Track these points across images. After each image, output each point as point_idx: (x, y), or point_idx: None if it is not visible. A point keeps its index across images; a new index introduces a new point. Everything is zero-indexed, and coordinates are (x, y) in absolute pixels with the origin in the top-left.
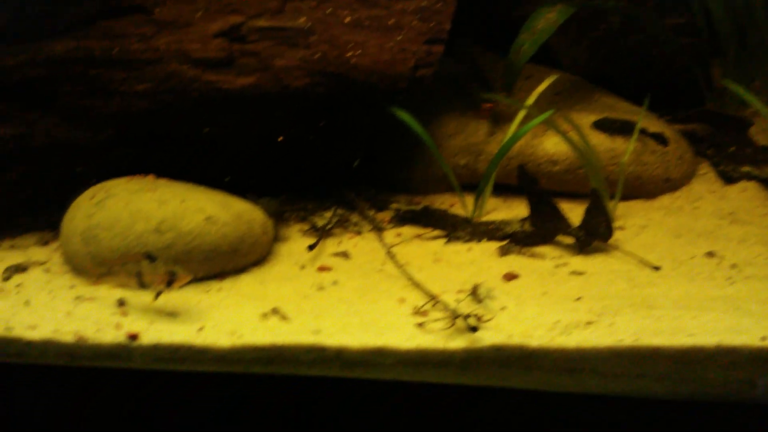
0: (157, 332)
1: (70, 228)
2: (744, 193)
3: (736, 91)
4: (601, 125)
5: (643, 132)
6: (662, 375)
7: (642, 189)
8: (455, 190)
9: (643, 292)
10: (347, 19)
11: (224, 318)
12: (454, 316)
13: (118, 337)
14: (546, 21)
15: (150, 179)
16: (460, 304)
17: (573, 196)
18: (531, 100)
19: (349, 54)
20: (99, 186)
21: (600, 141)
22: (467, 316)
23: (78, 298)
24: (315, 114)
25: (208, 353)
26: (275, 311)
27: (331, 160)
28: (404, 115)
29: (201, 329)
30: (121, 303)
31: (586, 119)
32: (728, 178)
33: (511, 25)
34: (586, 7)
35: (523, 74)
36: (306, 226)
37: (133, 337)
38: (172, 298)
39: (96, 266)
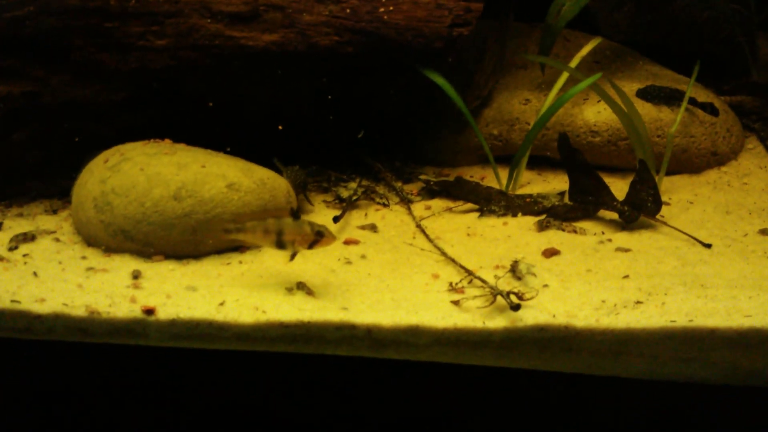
0: (175, 307)
1: (81, 194)
2: None
3: None
4: (646, 93)
5: (692, 101)
6: (715, 361)
7: (688, 163)
8: (488, 161)
9: (694, 271)
10: None
11: (246, 292)
12: (494, 293)
13: (133, 311)
14: None
15: (166, 143)
16: (499, 281)
17: (613, 170)
18: (574, 62)
19: (382, 10)
20: (113, 149)
21: (645, 111)
22: (508, 294)
23: (90, 269)
24: (344, 75)
25: (230, 330)
26: (301, 286)
27: (356, 126)
28: (438, 79)
29: (222, 304)
30: (136, 275)
31: (629, 87)
32: None
33: None
34: None
35: (560, 39)
36: (329, 197)
37: (150, 311)
38: (190, 270)
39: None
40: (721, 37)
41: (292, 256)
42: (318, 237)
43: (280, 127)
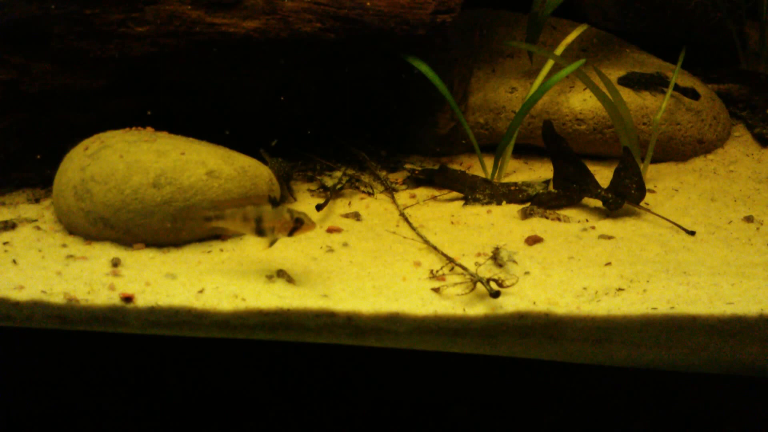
0: (154, 294)
1: (62, 182)
2: None
3: None
4: (627, 80)
5: (673, 87)
6: (697, 347)
7: (674, 150)
8: (473, 150)
9: (677, 258)
10: None
11: (226, 280)
12: (474, 280)
13: (111, 298)
14: None
15: (148, 131)
16: (480, 268)
17: (599, 158)
18: (559, 50)
19: None
20: (94, 137)
21: (631, 98)
22: (488, 281)
23: (70, 257)
24: (326, 62)
25: (209, 317)
26: (281, 274)
27: (340, 115)
28: (422, 66)
29: (201, 292)
30: (116, 263)
31: (615, 75)
32: (765, 141)
33: None
34: None
35: (547, 27)
36: (314, 186)
37: (128, 299)
38: (170, 258)
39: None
40: (710, 25)
41: (271, 243)
42: (297, 224)
43: (263, 114)
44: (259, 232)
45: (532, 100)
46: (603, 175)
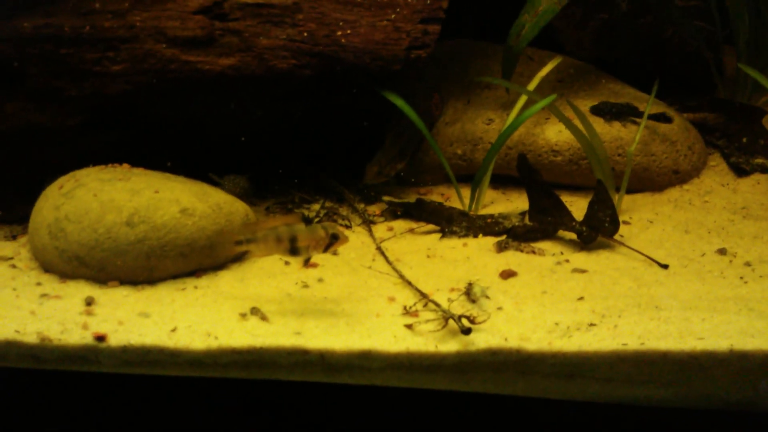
0: (126, 333)
1: (37, 220)
2: (757, 186)
3: (753, 76)
4: (599, 109)
5: (639, 115)
6: (669, 382)
7: (649, 181)
8: (451, 181)
9: (649, 292)
10: None
11: (199, 318)
12: (446, 316)
13: (84, 338)
14: (549, 2)
15: (124, 168)
16: (453, 304)
17: (575, 188)
18: (533, 84)
19: (339, 33)
20: (69, 175)
21: (606, 130)
22: (460, 317)
23: (44, 295)
24: (302, 97)
25: (181, 356)
26: (255, 311)
27: (318, 147)
28: (397, 100)
29: (174, 330)
30: (89, 302)
31: (590, 105)
32: (740, 171)
33: (515, 7)
34: None
35: (524, 58)
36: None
37: (101, 338)
38: (144, 296)
39: None
40: (686, 53)
41: (306, 262)
42: (333, 240)
43: (240, 147)
44: (293, 251)
45: (506, 134)
46: (579, 206)
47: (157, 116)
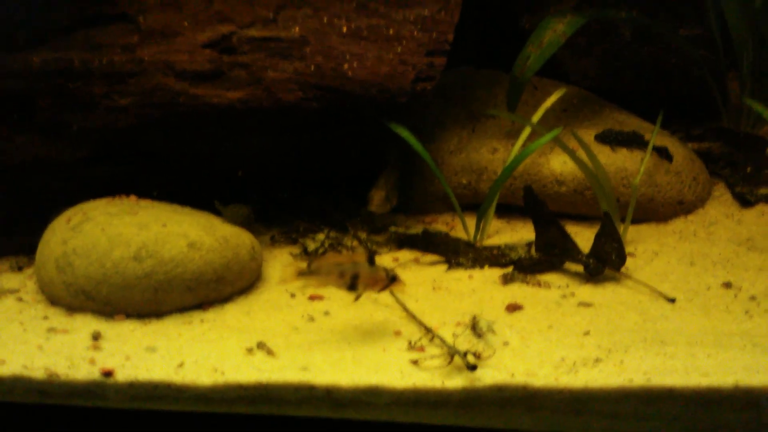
0: (133, 368)
1: (44, 253)
2: (762, 217)
3: (757, 109)
4: (604, 137)
5: (645, 144)
6: (675, 417)
7: (654, 212)
8: (456, 210)
9: (655, 327)
10: (344, 29)
11: (206, 353)
12: (452, 352)
13: (91, 373)
14: (554, 33)
15: (132, 200)
16: (458, 339)
17: (580, 218)
18: (537, 116)
19: (346, 66)
20: (76, 208)
21: (611, 161)
22: (465, 354)
23: (51, 330)
24: (308, 128)
25: (188, 392)
26: (261, 345)
27: (323, 176)
28: (403, 132)
29: (181, 365)
30: (96, 336)
31: (595, 134)
32: (745, 201)
33: (519, 35)
34: (597, 18)
35: (529, 87)
36: (297, 249)
37: (108, 373)
38: (151, 330)
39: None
40: (691, 81)
41: (357, 297)
42: (391, 281)
43: (247, 177)
44: (352, 287)
45: (511, 167)
46: (584, 236)
47: (164, 147)
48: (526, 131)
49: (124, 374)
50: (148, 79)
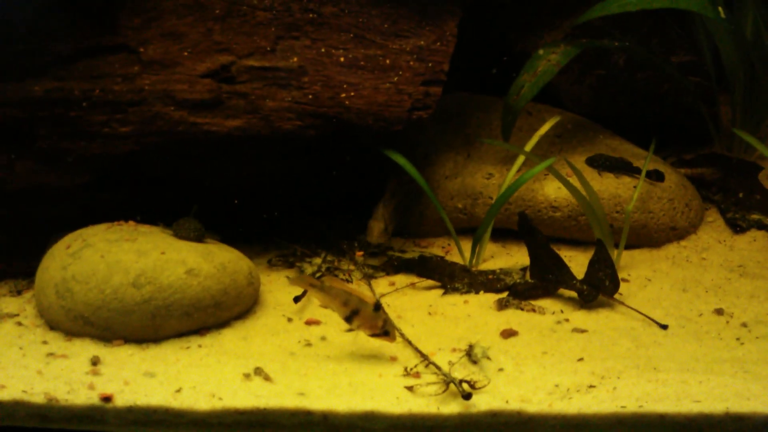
0: (132, 394)
1: (44, 279)
2: (753, 243)
3: (747, 140)
4: (593, 161)
5: (635, 170)
6: None
7: (647, 238)
8: (452, 235)
9: (647, 353)
10: (341, 59)
11: (204, 378)
12: (447, 380)
13: (91, 398)
14: (548, 63)
15: (130, 226)
16: (454, 366)
17: (574, 243)
18: (531, 144)
19: (343, 95)
20: (76, 234)
21: (604, 187)
22: (461, 382)
23: (50, 354)
24: (305, 155)
25: (186, 417)
26: (258, 371)
27: (320, 200)
28: (399, 159)
29: (179, 391)
30: (95, 361)
31: (586, 158)
32: (737, 227)
33: (514, 60)
34: (591, 47)
35: (523, 112)
36: (294, 273)
37: (107, 398)
38: (149, 355)
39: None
40: (683, 107)
41: (349, 330)
42: (383, 335)
43: (244, 201)
44: (348, 320)
45: (506, 195)
46: (579, 261)
47: (164, 174)
48: (521, 158)
49: (123, 399)
50: (147, 108)
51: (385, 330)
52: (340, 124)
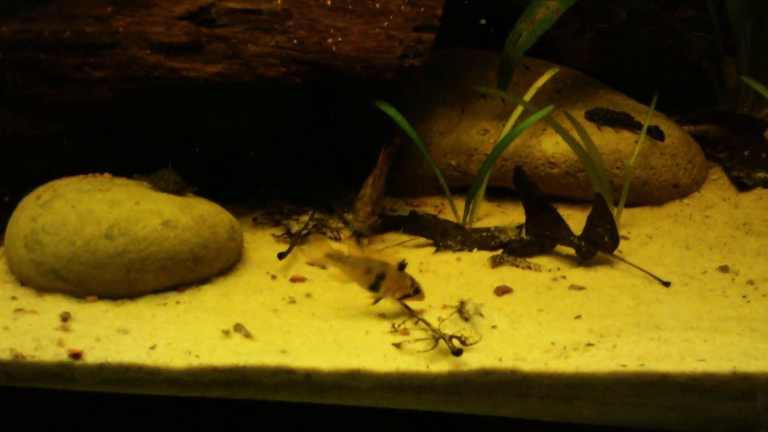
0: (103, 350)
1: (13, 232)
2: (759, 201)
3: (755, 87)
4: (593, 114)
5: (636, 125)
6: (669, 406)
7: (648, 195)
8: (444, 192)
9: (649, 311)
10: (328, 2)
11: (181, 335)
12: (436, 336)
13: (59, 354)
14: (546, 10)
15: (105, 178)
16: (445, 322)
17: (572, 201)
18: (529, 95)
19: (330, 41)
20: (47, 185)
21: (604, 142)
22: (450, 338)
23: (19, 310)
24: (291, 107)
25: (160, 375)
26: (238, 328)
27: (308, 157)
28: (390, 110)
29: (153, 348)
30: (65, 317)
31: (585, 111)
32: (742, 185)
33: (513, 13)
34: None
35: (520, 67)
36: (279, 231)
37: (76, 355)
38: (124, 311)
39: None
40: (686, 65)
41: (377, 301)
42: (413, 294)
43: (228, 157)
44: (374, 287)
45: (502, 146)
46: (576, 219)
47: (141, 125)
48: (518, 111)
49: (93, 356)
50: (122, 51)
51: (415, 288)
52: (327, 72)
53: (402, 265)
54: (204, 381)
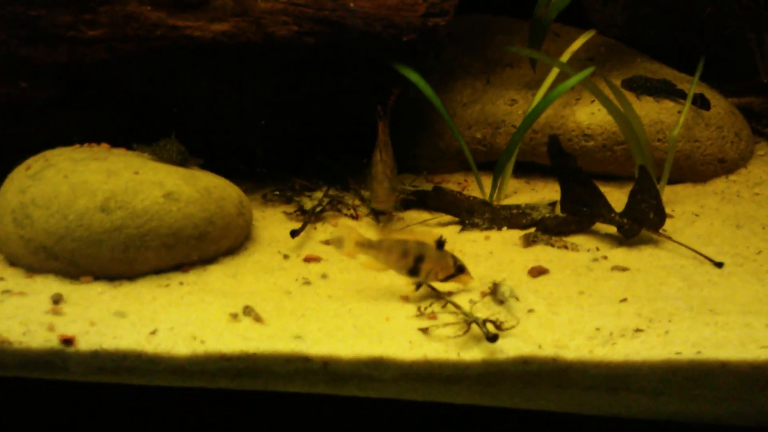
0: (98, 336)
1: (1, 206)
2: None
3: None
4: (631, 82)
5: (679, 93)
6: (725, 397)
7: (692, 170)
8: (470, 168)
9: (702, 294)
10: None
11: (184, 319)
12: (468, 320)
13: (49, 340)
14: None
15: (102, 148)
16: (476, 306)
17: (608, 177)
18: (565, 57)
19: None
20: (39, 155)
21: (645, 112)
22: (484, 321)
23: (6, 292)
24: (306, 73)
25: (161, 363)
26: (248, 311)
27: (322, 129)
28: (412, 75)
29: (153, 333)
30: (57, 299)
31: (621, 79)
32: None
33: None
34: None
35: (550, 35)
36: (291, 208)
37: (68, 341)
38: (122, 293)
39: None
40: (727, 34)
41: (418, 286)
42: (457, 272)
43: (235, 129)
44: (413, 271)
45: (535, 113)
46: (614, 197)
47: (141, 91)
48: (551, 77)
49: (87, 342)
50: (120, 7)
51: (458, 266)
52: (343, 31)
53: (441, 243)
54: (210, 370)
